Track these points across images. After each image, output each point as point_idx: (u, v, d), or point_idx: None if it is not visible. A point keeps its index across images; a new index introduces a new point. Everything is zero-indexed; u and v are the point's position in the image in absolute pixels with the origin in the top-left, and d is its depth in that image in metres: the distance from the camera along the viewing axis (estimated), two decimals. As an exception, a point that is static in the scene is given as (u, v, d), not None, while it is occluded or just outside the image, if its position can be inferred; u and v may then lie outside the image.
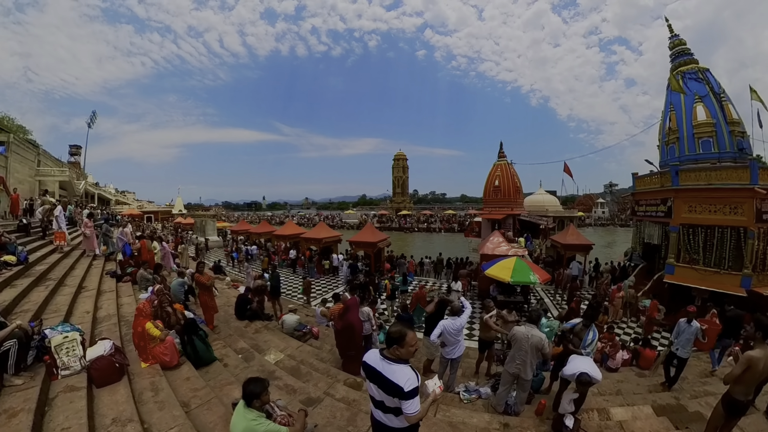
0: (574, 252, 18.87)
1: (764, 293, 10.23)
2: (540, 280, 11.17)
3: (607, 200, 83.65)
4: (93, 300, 7.19)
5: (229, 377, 5.14)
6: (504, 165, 23.70)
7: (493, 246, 14.56)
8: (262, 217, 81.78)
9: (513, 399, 5.21)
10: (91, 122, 46.52)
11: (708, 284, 11.32)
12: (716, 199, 11.63)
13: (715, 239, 11.57)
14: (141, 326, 5.02)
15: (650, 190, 14.48)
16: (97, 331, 5.72)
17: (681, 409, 5.35)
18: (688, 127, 13.67)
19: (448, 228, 55.83)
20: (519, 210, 23.57)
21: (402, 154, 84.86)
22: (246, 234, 31.47)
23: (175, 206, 60.28)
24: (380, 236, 21.12)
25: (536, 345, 4.88)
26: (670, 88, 14.28)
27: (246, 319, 8.81)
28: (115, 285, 9.04)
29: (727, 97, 13.50)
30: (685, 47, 14.78)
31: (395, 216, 69.73)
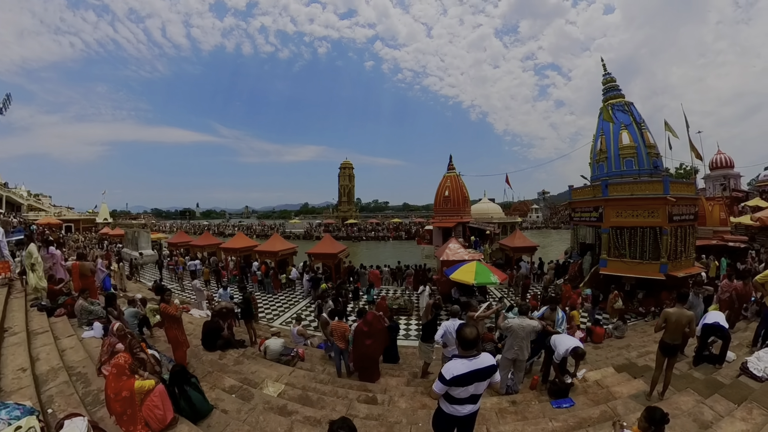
0: (521, 253, 21.39)
1: (678, 275, 13.08)
2: (500, 280, 12.91)
3: (541, 206, 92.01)
4: (25, 348, 5.67)
5: (240, 425, 4.42)
6: (453, 177, 25.16)
7: (453, 252, 15.51)
8: (197, 227, 77.19)
9: (511, 380, 6.22)
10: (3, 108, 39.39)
11: (634, 272, 13.99)
12: (637, 206, 14.14)
13: (637, 237, 14.04)
14: (128, 389, 3.89)
15: (584, 200, 16.85)
16: (45, 397, 4.39)
17: (633, 366, 7.11)
18: (615, 149, 16.24)
19: (396, 236, 56.73)
20: (467, 218, 25.12)
21: (349, 163, 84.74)
22: (186, 247, 28.01)
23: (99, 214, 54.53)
24: (339, 247, 20.87)
25: (530, 330, 6.04)
26: (602, 117, 16.81)
27: (218, 350, 7.89)
28: (48, 322, 7.41)
29: (646, 126, 16.35)
30: (615, 84, 17.44)
31: (342, 225, 69.39)
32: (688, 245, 14.48)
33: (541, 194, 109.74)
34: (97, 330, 7.11)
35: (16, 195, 47.70)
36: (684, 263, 14.16)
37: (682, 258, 14.15)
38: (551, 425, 4.75)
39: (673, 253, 13.74)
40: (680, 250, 14.09)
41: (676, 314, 5.35)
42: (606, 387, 6.10)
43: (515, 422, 4.96)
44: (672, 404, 4.86)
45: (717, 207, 21.18)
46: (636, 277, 13.98)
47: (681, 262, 14.02)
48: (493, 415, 5.14)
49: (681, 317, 5.34)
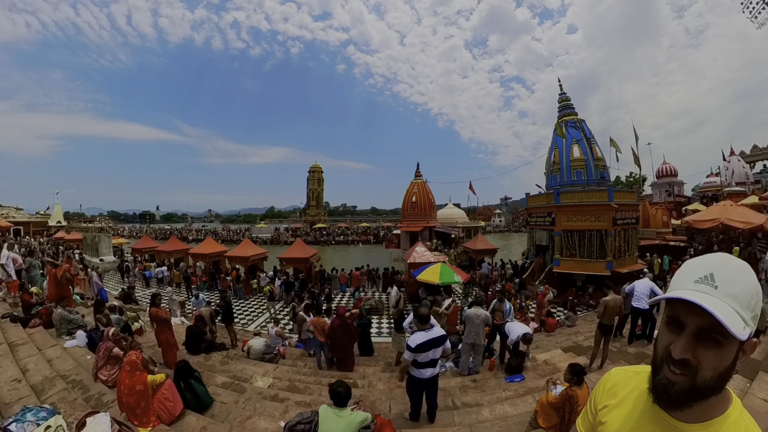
0: (483, 255, 23.23)
1: (622, 272, 14.75)
2: (462, 280, 14.15)
3: (503, 211, 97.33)
4: (11, 360, 5.69)
5: (242, 411, 4.97)
6: (420, 183, 26.29)
7: (419, 255, 16.53)
8: (158, 231, 74.54)
9: (472, 362, 7.32)
10: None
11: (584, 270, 15.64)
12: (586, 212, 15.80)
13: (586, 239, 15.66)
14: (142, 383, 4.23)
15: (539, 206, 18.51)
16: (47, 404, 4.33)
17: (579, 347, 8.49)
18: (567, 161, 17.97)
19: (365, 240, 57.33)
20: (433, 222, 26.27)
21: (318, 167, 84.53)
22: (152, 252, 27.53)
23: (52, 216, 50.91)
24: (311, 251, 21.35)
25: (484, 320, 7.09)
26: (556, 132, 18.70)
27: (202, 353, 8.23)
28: (24, 333, 7.22)
29: (595, 141, 18.18)
30: (570, 103, 19.20)
31: (310, 229, 69.13)
32: (630, 245, 16.42)
33: (504, 200, 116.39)
34: (80, 339, 7.12)
35: None
36: (628, 261, 15.99)
37: (626, 256, 16.01)
38: (504, 394, 5.81)
39: (617, 252, 15.52)
40: (624, 250, 15.92)
41: (612, 300, 6.76)
42: (553, 365, 7.28)
43: (475, 394, 5.99)
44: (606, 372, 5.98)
45: (660, 211, 23.36)
46: (586, 273, 15.62)
47: (625, 260, 15.83)
48: (456, 390, 6.16)
49: (616, 302, 6.80)
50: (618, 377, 1.23)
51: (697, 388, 0.89)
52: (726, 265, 0.93)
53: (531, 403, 5.12)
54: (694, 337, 0.89)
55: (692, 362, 0.89)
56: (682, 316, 0.91)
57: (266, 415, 4.96)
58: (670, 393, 0.93)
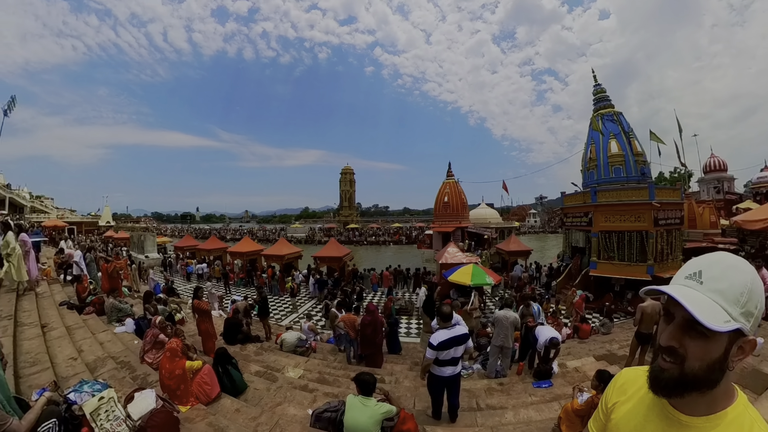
0: (516, 257, 22.37)
1: (664, 276, 13.56)
2: (494, 282, 13.77)
3: (538, 210, 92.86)
4: (69, 341, 6.23)
5: (273, 398, 5.28)
6: (452, 183, 26.08)
7: (451, 256, 16.24)
8: (198, 231, 77.56)
9: (500, 366, 7.15)
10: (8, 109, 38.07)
11: (622, 274, 14.77)
12: (625, 211, 14.99)
13: (625, 240, 14.87)
14: (180, 368, 4.57)
15: (575, 206, 17.80)
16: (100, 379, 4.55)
17: (613, 356, 8.09)
18: (604, 158, 17.16)
19: (397, 240, 57.22)
20: (466, 223, 25.99)
21: (349, 168, 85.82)
22: (193, 250, 28.91)
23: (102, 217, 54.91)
24: (344, 251, 21.77)
25: (513, 322, 6.96)
26: (592, 127, 17.86)
27: (238, 343, 8.63)
28: (80, 319, 8.01)
29: (634, 135, 17.17)
30: (605, 95, 18.32)
31: (343, 229, 69.95)
32: (674, 248, 15.33)
33: (539, 199, 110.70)
34: (129, 325, 7.80)
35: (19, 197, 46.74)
36: (671, 265, 14.86)
37: (669, 260, 14.94)
38: (530, 399, 5.72)
39: (659, 255, 14.60)
40: (667, 253, 14.91)
41: (650, 307, 6.32)
42: (583, 372, 6.96)
43: (500, 397, 5.92)
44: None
45: (707, 210, 21.76)
46: (624, 278, 14.74)
47: (668, 264, 14.76)
48: (482, 393, 6.09)
49: (654, 309, 6.32)
50: (628, 375, 1.29)
51: (686, 377, 0.95)
52: (716, 263, 0.98)
53: (556, 409, 5.03)
54: (681, 328, 0.96)
55: (679, 351, 0.95)
56: (672, 308, 0.99)
57: (295, 402, 5.19)
58: (660, 379, 1.00)
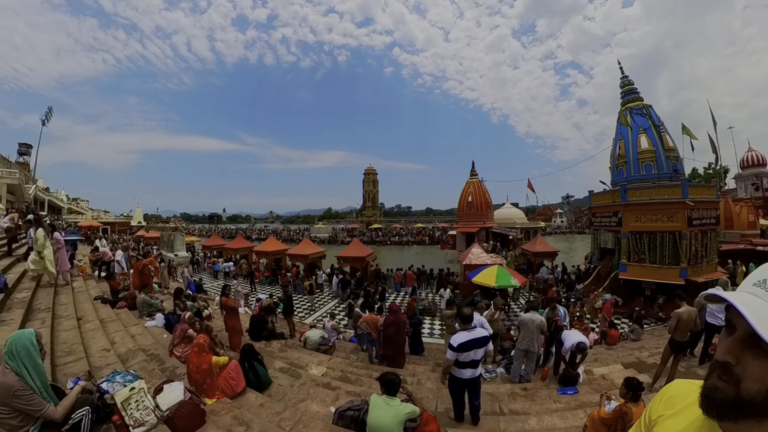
0: (542, 258, 21.83)
1: (698, 281, 12.92)
2: (519, 284, 13.36)
3: (565, 210, 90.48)
4: (102, 333, 6.54)
5: (297, 394, 5.37)
6: (476, 182, 25.65)
7: (475, 257, 16.03)
8: (225, 231, 79.92)
9: (524, 370, 6.92)
10: (46, 119, 42.27)
11: (654, 277, 14.00)
12: (656, 211, 14.24)
13: (657, 242, 14.13)
14: (207, 362, 4.70)
15: (604, 205, 17.04)
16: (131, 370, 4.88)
17: (642, 364, 7.71)
18: (634, 154, 16.36)
19: (420, 241, 57.11)
20: (490, 223, 25.52)
21: (372, 169, 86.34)
22: (220, 249, 29.85)
23: (134, 217, 57.28)
24: (367, 251, 21.94)
25: (539, 325, 6.76)
26: (620, 122, 16.99)
27: (263, 340, 8.73)
28: (113, 312, 8.37)
29: (665, 129, 16.32)
30: (633, 87, 17.47)
31: (366, 229, 70.40)
32: (709, 250, 14.52)
33: (566, 198, 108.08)
34: (159, 320, 8.09)
35: (57, 199, 49.77)
36: (705, 268, 14.14)
37: (704, 263, 14.18)
38: (554, 406, 5.55)
39: (693, 257, 13.81)
40: (701, 255, 14.12)
41: (686, 313, 5.95)
42: (611, 380, 6.69)
43: (523, 402, 5.77)
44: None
45: (745, 209, 20.72)
46: (656, 281, 14.02)
47: (702, 267, 14.02)
48: (505, 397, 5.96)
49: (690, 315, 5.95)
50: (678, 388, 1.15)
51: (742, 400, 0.81)
52: None
53: (582, 417, 4.88)
54: (741, 343, 0.82)
55: (735, 369, 0.82)
56: (734, 319, 0.85)
57: (318, 399, 5.25)
58: (712, 398, 0.86)
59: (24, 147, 46.26)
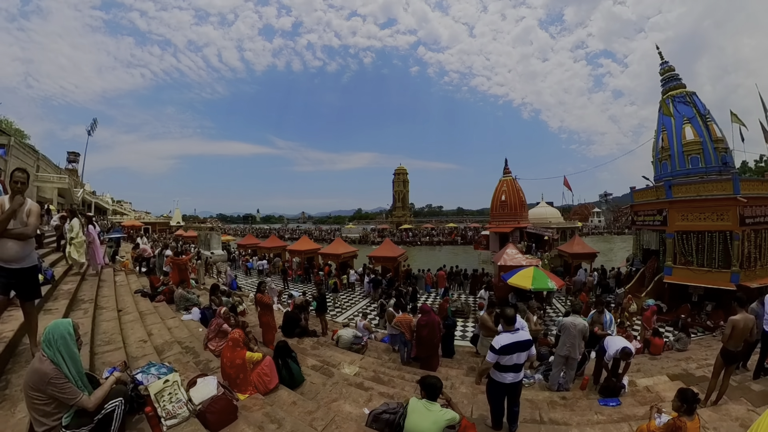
0: (580, 260, 20.97)
1: (751, 286, 11.75)
2: (557, 286, 12.81)
3: (603, 209, 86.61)
4: (140, 325, 6.74)
5: (329, 393, 5.27)
6: (510, 181, 25.07)
7: (510, 257, 15.61)
8: (259, 230, 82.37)
9: (563, 378, 6.51)
10: (91, 130, 46.28)
11: (702, 282, 12.97)
12: (705, 208, 13.17)
13: (705, 242, 13.06)
14: (241, 358, 4.72)
15: (647, 202, 16.02)
16: (166, 362, 5.10)
17: (689, 376, 7.07)
18: (678, 146, 15.35)
19: (451, 241, 56.56)
20: (525, 223, 24.85)
21: (403, 169, 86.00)
22: (255, 248, 30.93)
23: (173, 218, 59.85)
24: (399, 251, 21.87)
25: (581, 330, 6.30)
26: (662, 111, 15.93)
27: (296, 337, 8.80)
28: (152, 305, 8.78)
29: (711, 117, 15.19)
30: (675, 73, 16.38)
31: (396, 230, 70.21)
32: (764, 252, 13.25)
33: (603, 196, 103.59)
34: (195, 314, 8.34)
35: (103, 201, 54.13)
36: (760, 272, 12.92)
37: (758, 266, 12.99)
38: (596, 417, 5.22)
39: (746, 260, 12.71)
40: (755, 258, 12.95)
41: (743, 321, 5.39)
42: (656, 392, 6.21)
43: (563, 412, 5.45)
44: (722, 410, 5.01)
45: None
46: (704, 286, 12.99)
47: (756, 271, 12.85)
48: (544, 405, 5.64)
49: (747, 323, 5.39)
50: None
51: None
52: None
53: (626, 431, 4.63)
54: None
55: None
56: None
57: (351, 400, 5.13)
58: None
59: (72, 155, 50.07)
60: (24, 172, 3.69)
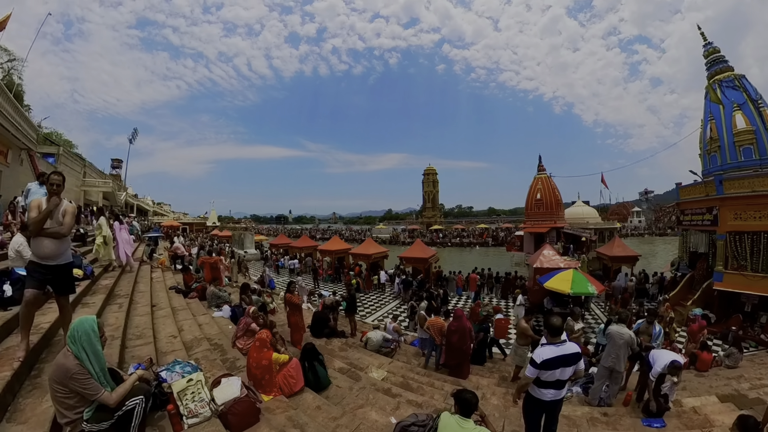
0: (620, 264, 19.65)
1: None
2: (597, 291, 11.96)
3: (643, 208, 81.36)
4: (172, 320, 6.92)
5: (355, 400, 5.08)
6: (544, 178, 24.10)
7: (547, 259, 14.90)
8: (291, 230, 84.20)
9: (605, 392, 6.03)
10: (132, 138, 49.87)
11: (757, 290, 11.68)
12: (761, 206, 11.96)
13: (762, 244, 11.84)
14: (267, 359, 4.69)
15: (695, 200, 14.86)
16: (192, 359, 5.14)
17: (742, 398, 6.25)
18: (729, 136, 14.07)
19: (482, 242, 55.34)
20: (561, 223, 23.82)
21: (432, 169, 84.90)
22: (287, 248, 31.41)
23: (209, 218, 62.52)
24: (430, 252, 21.42)
25: (628, 341, 5.77)
26: (709, 98, 14.65)
27: (324, 337, 8.76)
28: (185, 302, 9.00)
29: (764, 102, 13.85)
30: (720, 55, 15.13)
31: (426, 230, 69.50)
32: None
33: (644, 194, 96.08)
34: (225, 311, 8.50)
35: (144, 203, 59.28)
36: None
37: None
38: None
39: None
40: None
41: None
42: (704, 415, 5.54)
43: (605, 430, 5.01)
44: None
45: None
46: (759, 295, 11.72)
47: None
48: (584, 422, 5.20)
49: None
50: None
51: None
52: None
53: None
54: None
55: None
56: None
57: (378, 407, 4.92)
58: None
59: (116, 162, 54.92)
60: (60, 174, 3.81)
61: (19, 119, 14.40)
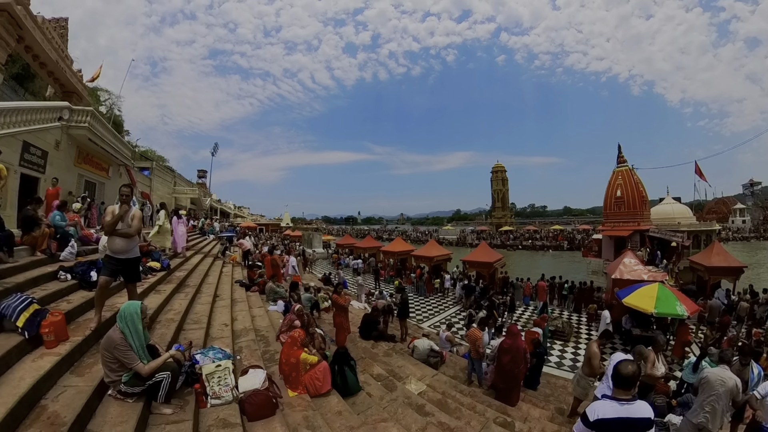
0: (720, 276, 16.10)
1: None
2: (688, 313, 9.63)
3: (748, 205, 65.98)
4: (229, 310, 7.36)
5: (380, 412, 4.77)
6: (626, 172, 21.15)
7: (628, 269, 12.68)
8: (358, 231, 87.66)
9: None
10: (214, 152, 57.63)
11: None
12: None
13: None
14: (295, 357, 4.81)
15: None
16: (236, 347, 5.66)
17: None
18: None
19: (556, 246, 50.89)
20: (646, 224, 20.72)
21: (501, 166, 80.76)
22: (351, 248, 32.09)
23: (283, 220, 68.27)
24: (495, 256, 19.91)
25: (731, 390, 4.40)
26: None
27: (371, 340, 8.78)
28: (245, 295, 9.68)
29: None
30: None
31: (495, 232, 66.33)
32: None
33: (749, 187, 78.17)
34: (279, 306, 9.04)
35: (227, 207, 66.93)
36: None
37: None
38: None
39: None
40: None
41: None
42: None
43: None
44: None
45: None
46: None
47: None
48: None
49: None
50: None
51: None
52: None
53: None
54: None
55: None
56: None
57: (402, 425, 4.54)
58: None
59: (201, 172, 64.70)
60: (129, 187, 4.77)
61: (117, 142, 17.01)
